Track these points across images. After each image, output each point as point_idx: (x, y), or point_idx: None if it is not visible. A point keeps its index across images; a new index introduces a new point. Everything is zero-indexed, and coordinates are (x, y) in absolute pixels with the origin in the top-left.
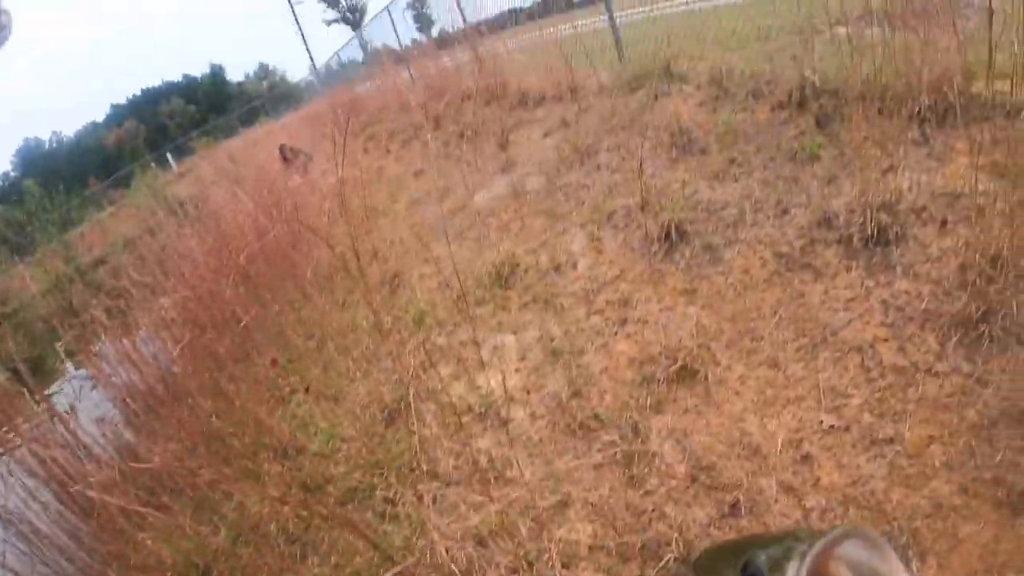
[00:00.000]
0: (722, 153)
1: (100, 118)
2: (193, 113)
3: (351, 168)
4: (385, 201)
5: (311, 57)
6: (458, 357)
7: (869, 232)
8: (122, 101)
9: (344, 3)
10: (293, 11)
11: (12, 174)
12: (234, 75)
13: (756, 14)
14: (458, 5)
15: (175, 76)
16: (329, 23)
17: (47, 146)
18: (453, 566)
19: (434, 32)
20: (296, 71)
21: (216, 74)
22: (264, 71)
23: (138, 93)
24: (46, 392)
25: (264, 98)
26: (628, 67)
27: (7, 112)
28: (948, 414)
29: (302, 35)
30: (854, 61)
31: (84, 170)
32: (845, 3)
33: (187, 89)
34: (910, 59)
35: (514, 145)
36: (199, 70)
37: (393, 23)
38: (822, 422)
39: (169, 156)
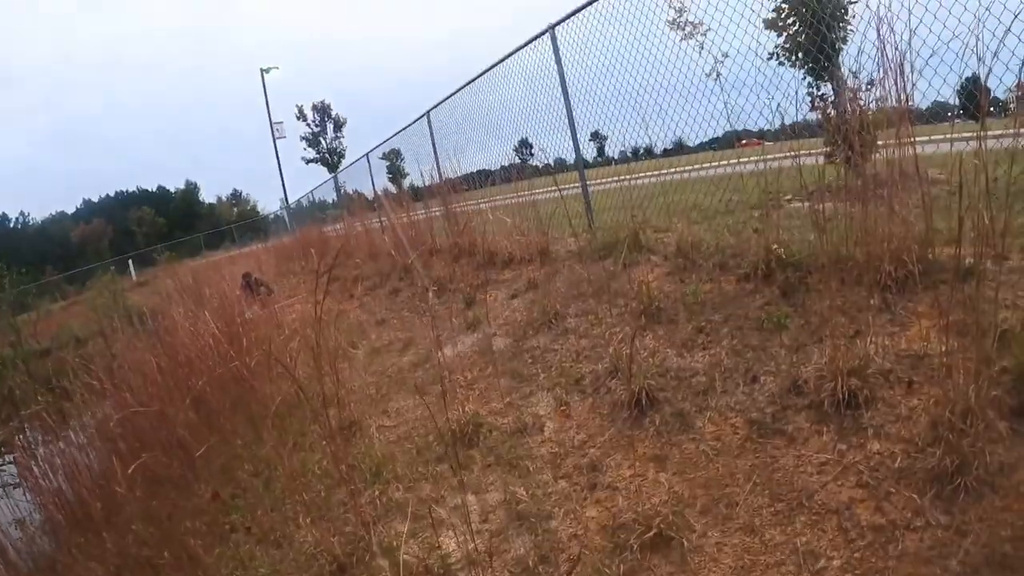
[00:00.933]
0: (690, 322)
1: (70, 209)
2: (161, 225)
3: (313, 308)
4: (345, 346)
5: (285, 191)
6: (416, 514)
7: (839, 397)
8: (94, 197)
9: (324, 144)
10: (275, 144)
11: None
12: (208, 194)
13: (721, 187)
14: (435, 161)
15: (149, 183)
16: (308, 162)
17: (11, 223)
18: None
19: (405, 184)
20: (267, 201)
21: (190, 191)
22: (236, 197)
23: (111, 194)
24: None
25: (233, 224)
26: (598, 234)
27: None
28: (930, 567)
29: (280, 169)
30: (817, 235)
31: (44, 257)
32: (801, 178)
33: (159, 200)
34: (869, 230)
35: (481, 304)
36: (174, 182)
37: (371, 170)
38: None
39: (131, 263)
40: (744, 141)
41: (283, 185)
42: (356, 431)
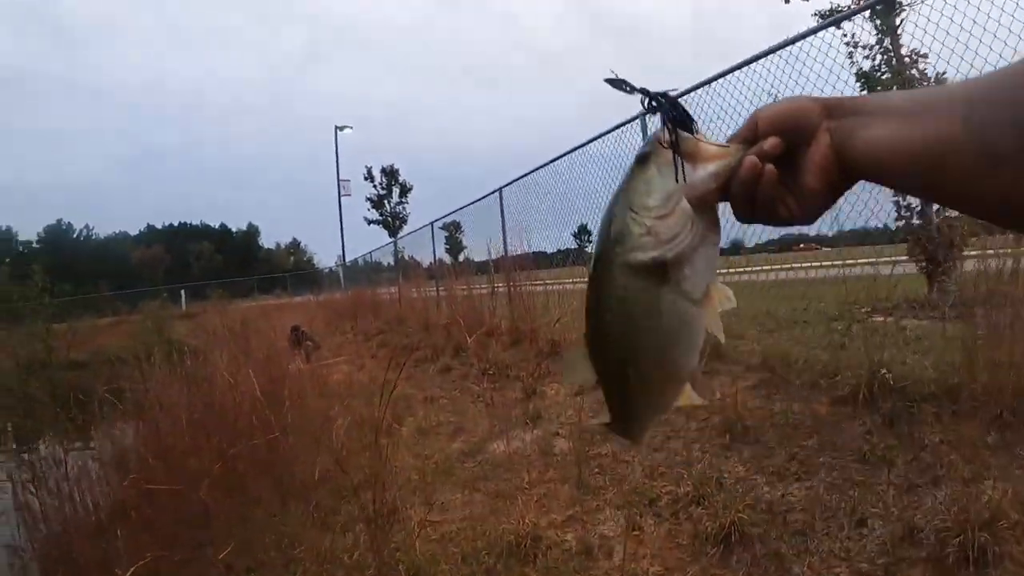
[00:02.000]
0: (782, 447)
1: (133, 230)
2: (219, 262)
3: (359, 373)
4: (390, 419)
5: (343, 247)
6: None
7: (967, 552)
8: (158, 224)
9: (388, 208)
10: (340, 201)
11: (35, 245)
12: (267, 239)
13: (788, 295)
14: (503, 236)
15: (212, 220)
16: (370, 223)
17: (75, 234)
18: None
19: (461, 257)
20: (325, 255)
21: (251, 234)
22: (295, 247)
23: (174, 223)
24: None
25: (288, 272)
26: None
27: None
28: None
29: (341, 225)
30: (921, 357)
31: (101, 272)
32: (874, 290)
33: (220, 237)
34: (982, 355)
35: (542, 396)
36: (236, 222)
37: (433, 239)
38: None
39: (183, 293)
40: (802, 245)
41: (342, 242)
42: (395, 520)
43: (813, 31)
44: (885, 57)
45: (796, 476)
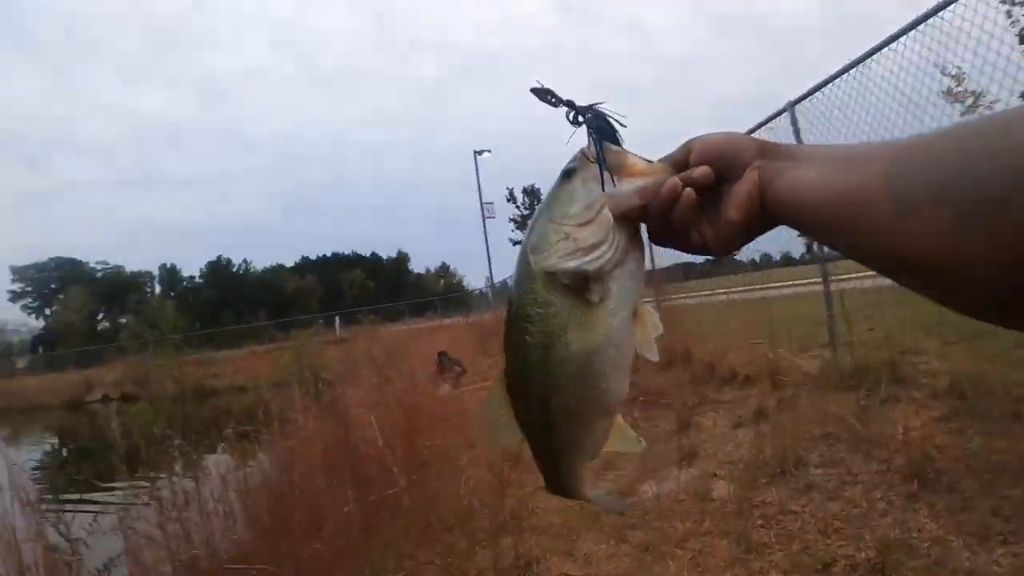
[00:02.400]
0: (982, 497)
1: (288, 262)
2: (371, 289)
3: None
4: (527, 452)
5: (490, 268)
6: None
7: None
8: (311, 255)
9: None
10: (484, 224)
11: (198, 280)
12: (417, 265)
13: None
14: (650, 250)
15: (363, 249)
16: (515, 243)
17: (235, 268)
18: None
19: None
20: (473, 277)
21: (401, 260)
22: (444, 271)
23: (327, 254)
24: None
25: (439, 296)
26: (843, 354)
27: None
28: None
29: (487, 247)
30: None
31: (258, 303)
32: None
33: (371, 265)
34: None
35: (697, 430)
36: (386, 250)
37: None
38: None
39: (337, 320)
40: None
41: (489, 263)
42: (533, 574)
43: None
44: None
45: (1002, 538)
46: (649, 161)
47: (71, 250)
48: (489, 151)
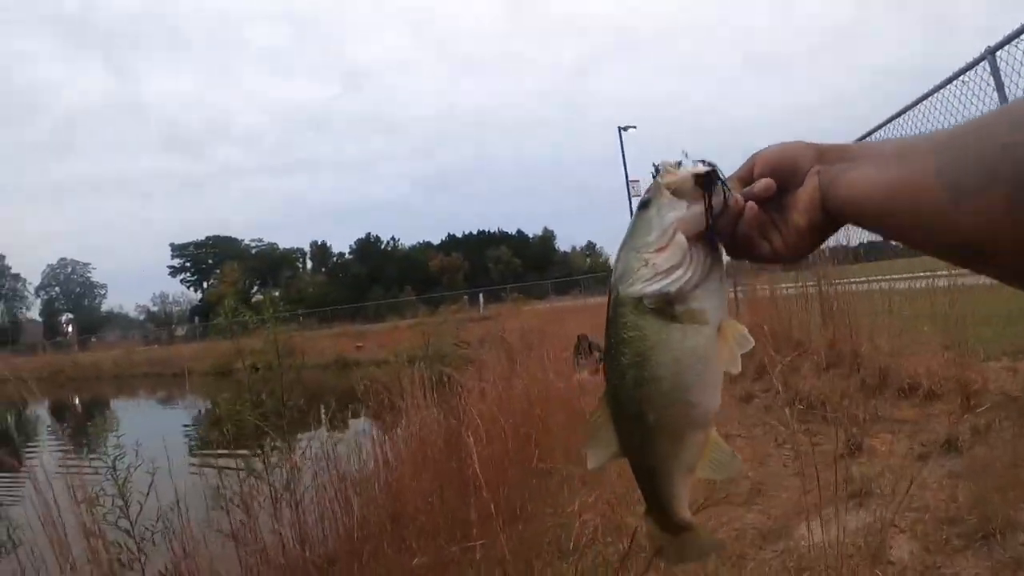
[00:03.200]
0: None
1: (434, 240)
2: (516, 266)
3: None
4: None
5: None
6: None
7: None
8: (458, 233)
9: None
10: (630, 202)
11: (348, 256)
12: (562, 243)
13: None
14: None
15: (509, 228)
16: None
17: (383, 245)
18: None
19: None
20: None
21: (547, 238)
22: (590, 249)
23: (473, 232)
24: None
25: (584, 275)
26: None
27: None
28: None
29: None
30: None
31: (405, 278)
32: None
33: (517, 243)
34: None
35: (870, 454)
36: (532, 228)
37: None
38: None
39: (481, 296)
40: None
41: None
42: None
43: None
44: None
45: None
46: (723, 181)
47: (228, 228)
48: (635, 127)
